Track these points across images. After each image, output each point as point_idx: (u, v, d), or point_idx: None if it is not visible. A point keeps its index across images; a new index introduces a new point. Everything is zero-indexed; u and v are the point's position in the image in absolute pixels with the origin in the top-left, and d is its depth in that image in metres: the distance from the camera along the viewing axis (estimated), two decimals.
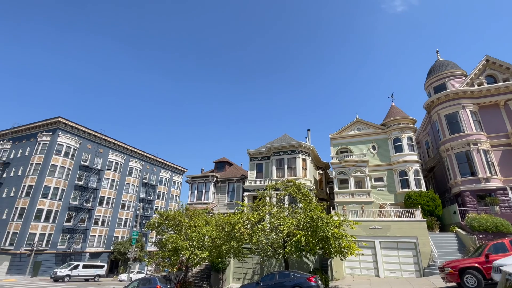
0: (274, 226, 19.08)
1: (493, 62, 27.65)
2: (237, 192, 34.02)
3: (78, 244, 44.37)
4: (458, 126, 26.31)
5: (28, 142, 46.60)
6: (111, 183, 51.58)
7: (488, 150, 24.94)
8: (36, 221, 39.52)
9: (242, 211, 21.33)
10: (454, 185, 25.65)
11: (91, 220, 47.28)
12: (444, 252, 19.70)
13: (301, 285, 14.98)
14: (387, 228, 21.76)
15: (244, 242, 18.76)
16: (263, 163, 32.99)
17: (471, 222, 20.64)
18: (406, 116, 30.31)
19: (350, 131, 32.62)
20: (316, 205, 18.73)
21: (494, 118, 26.19)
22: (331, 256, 18.13)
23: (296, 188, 20.80)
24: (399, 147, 29.23)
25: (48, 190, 41.54)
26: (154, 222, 22.82)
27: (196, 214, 22.93)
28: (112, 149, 53.56)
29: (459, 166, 25.40)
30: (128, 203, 54.41)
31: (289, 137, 33.41)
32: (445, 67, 29.62)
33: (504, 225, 19.52)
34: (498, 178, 23.90)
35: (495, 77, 27.50)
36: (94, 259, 45.68)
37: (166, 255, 20.39)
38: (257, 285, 16.55)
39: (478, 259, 12.05)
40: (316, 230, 16.22)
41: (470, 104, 26.68)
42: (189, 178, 36.93)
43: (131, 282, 19.68)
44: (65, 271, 33.98)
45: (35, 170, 42.09)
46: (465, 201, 23.71)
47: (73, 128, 46.56)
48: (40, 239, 39.31)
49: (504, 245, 12.01)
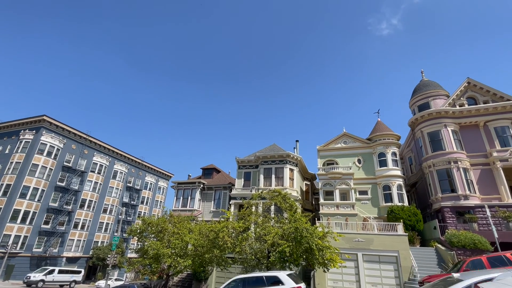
0: (259, 235, 18.82)
1: (474, 84, 28.85)
2: (224, 200, 33.59)
3: (55, 248, 42.44)
4: (440, 144, 27.09)
5: (9, 140, 44.77)
6: (94, 186, 49.98)
7: (468, 169, 25.73)
8: (11, 222, 37.69)
9: (227, 220, 20.99)
10: (435, 201, 26.21)
11: (70, 223, 45.45)
12: (424, 267, 19.92)
13: None
14: (370, 241, 21.87)
15: (227, 251, 18.39)
16: (251, 172, 32.83)
17: (450, 238, 21.03)
18: (391, 132, 31.02)
19: (337, 144, 33.05)
20: (301, 215, 18.64)
21: (474, 138, 27.15)
22: (314, 267, 17.98)
23: (282, 198, 20.68)
24: (383, 161, 29.77)
25: (27, 190, 39.83)
26: (136, 228, 22.13)
27: (180, 221, 22.40)
28: (97, 151, 52.14)
29: (440, 182, 26.03)
30: (110, 207, 52.76)
31: (278, 147, 33.50)
32: (429, 87, 30.68)
33: (482, 242, 19.96)
34: (476, 196, 24.60)
35: (476, 99, 28.65)
36: (71, 264, 43.71)
37: (146, 262, 19.72)
38: None
39: None
40: (300, 241, 16.10)
41: (452, 124, 27.61)
42: (175, 183, 36.25)
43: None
44: (39, 276, 32.27)
45: (14, 169, 40.37)
46: (445, 217, 24.21)
47: (58, 127, 45.18)
48: (15, 241, 37.40)
49: (481, 262, 12.24)
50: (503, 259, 12.02)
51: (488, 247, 19.70)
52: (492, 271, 7.44)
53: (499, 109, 26.79)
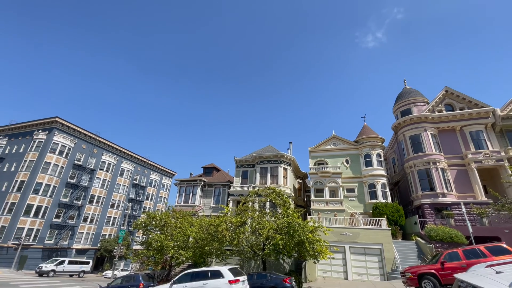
0: (255, 229, 18.80)
1: (451, 92, 29.14)
2: (223, 196, 33.46)
3: (65, 240, 41.93)
4: (420, 147, 27.30)
5: (24, 139, 44.24)
6: (103, 183, 49.51)
7: (445, 169, 25.95)
8: (25, 216, 37.18)
9: (225, 215, 20.93)
10: (415, 198, 26.38)
11: (80, 217, 44.95)
12: (406, 259, 20.02)
13: (277, 286, 14.73)
14: (356, 235, 21.94)
15: (226, 244, 18.34)
16: (248, 170, 32.76)
17: (429, 232, 21.17)
18: (376, 135, 31.18)
19: (327, 145, 33.14)
20: (293, 211, 18.66)
21: (451, 141, 27.41)
22: (306, 259, 18.01)
23: (276, 195, 20.71)
24: (369, 162, 29.91)
25: (40, 187, 39.34)
26: (141, 222, 21.96)
27: (182, 216, 22.27)
28: (106, 150, 51.70)
29: (420, 181, 26.22)
30: (117, 202, 52.30)
31: (273, 147, 33.50)
32: (411, 94, 30.91)
33: (458, 236, 20.13)
34: (453, 194, 24.81)
35: (453, 106, 28.94)
36: (80, 255, 43.19)
37: (151, 254, 19.57)
38: None
39: (435, 266, 12.28)
40: (292, 235, 16.13)
41: (431, 128, 27.85)
42: (178, 181, 36.06)
43: (115, 279, 18.63)
44: (50, 266, 31.83)
45: (28, 167, 39.87)
46: (424, 213, 24.38)
47: (70, 128, 44.74)
48: (28, 233, 36.92)
49: (457, 254, 12.31)
50: (477, 252, 12.10)
51: (464, 240, 19.87)
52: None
53: (474, 115, 27.09)
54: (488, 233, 20.80)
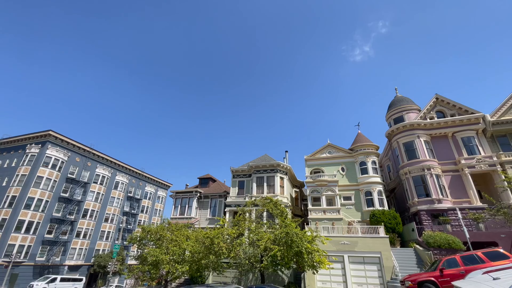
0: (252, 241, 18.55)
1: (442, 99, 29.75)
2: (219, 208, 33.10)
3: (57, 256, 40.68)
4: (414, 153, 27.59)
5: (16, 154, 43.47)
6: (97, 196, 48.62)
7: (440, 175, 26.18)
8: (16, 232, 36.13)
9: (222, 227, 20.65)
10: (412, 205, 26.44)
11: (73, 232, 43.81)
12: (405, 266, 19.87)
13: None
14: (354, 243, 21.76)
15: (223, 257, 18.02)
16: (244, 180, 32.61)
17: (427, 239, 21.11)
18: (371, 143, 31.48)
19: (323, 153, 33.29)
20: (291, 221, 18.51)
21: (444, 147, 27.78)
22: (305, 270, 17.71)
23: (273, 204, 20.56)
24: (364, 169, 30.06)
25: (32, 201, 38.44)
26: (136, 236, 21.51)
27: (177, 229, 21.90)
28: (100, 163, 51.04)
29: (416, 188, 26.35)
30: (112, 216, 51.23)
31: (269, 157, 33.52)
32: (403, 102, 31.48)
33: (455, 242, 20.09)
34: (449, 200, 24.95)
35: (444, 113, 29.49)
36: (73, 272, 41.87)
37: (146, 269, 19.09)
38: None
39: (434, 273, 12.24)
40: (291, 245, 15.95)
41: (424, 135, 28.25)
42: (173, 193, 35.64)
43: None
44: (42, 284, 30.79)
45: (20, 181, 39.04)
46: (421, 220, 24.39)
47: (63, 141, 44.22)
48: (19, 250, 35.79)
49: (456, 261, 12.31)
50: (475, 258, 12.12)
51: (461, 246, 19.84)
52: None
53: (465, 122, 27.62)
54: (485, 238, 20.84)
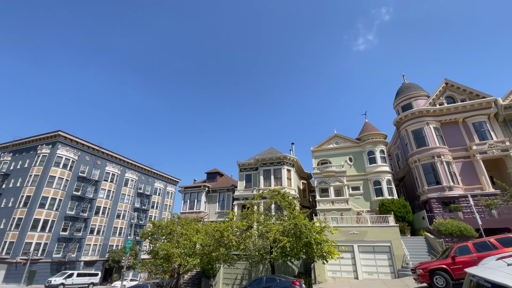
0: (261, 233, 18.68)
1: (452, 84, 28.95)
2: (228, 201, 33.39)
3: (73, 253, 42.01)
4: (423, 141, 27.08)
5: (28, 155, 44.65)
6: (108, 194, 49.69)
7: (450, 162, 25.69)
8: (32, 230, 37.37)
9: (231, 220, 20.84)
10: (422, 193, 26.11)
11: (87, 229, 45.07)
12: (415, 255, 19.75)
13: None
14: (364, 233, 21.72)
15: (233, 249, 18.23)
16: (251, 174, 32.70)
17: (438, 226, 20.90)
18: (378, 132, 31.01)
19: (329, 144, 33.01)
20: (299, 212, 18.53)
21: (455, 134, 27.15)
22: (314, 260, 17.84)
23: (281, 197, 20.57)
24: (372, 159, 29.72)
25: (46, 201, 39.57)
26: (148, 231, 21.94)
27: (187, 223, 22.21)
28: (109, 161, 51.96)
29: (425, 176, 25.96)
30: (123, 212, 52.40)
31: (275, 150, 33.44)
32: (411, 89, 30.76)
33: (467, 229, 19.84)
34: (460, 187, 24.52)
35: (454, 98, 28.72)
36: (88, 267, 43.23)
37: (158, 263, 19.51)
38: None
39: (446, 261, 12.10)
40: (300, 236, 15.99)
41: (433, 121, 27.63)
42: (182, 188, 36.06)
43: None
44: (59, 279, 31.91)
45: (33, 181, 40.16)
46: (432, 208, 24.09)
47: (73, 141, 45.07)
48: (36, 248, 37.07)
49: (468, 248, 12.13)
50: (488, 244, 11.92)
51: (473, 233, 19.58)
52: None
53: (476, 106, 26.85)
54: (498, 224, 20.51)
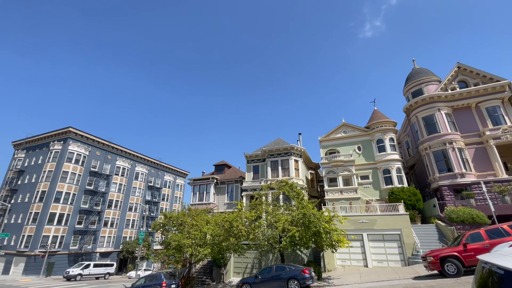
0: (270, 223, 18.86)
1: (464, 68, 27.98)
2: (236, 192, 33.73)
3: (89, 244, 43.57)
4: (434, 127, 26.48)
5: (41, 151, 45.96)
6: (119, 187, 50.92)
7: (463, 148, 25.11)
8: (49, 224, 38.80)
9: (240, 210, 21.08)
10: (433, 181, 25.72)
11: (101, 222, 46.53)
12: (426, 243, 19.65)
13: (296, 277, 14.80)
14: (373, 222, 21.67)
15: (242, 239, 18.50)
16: (259, 165, 32.81)
17: (449, 214, 20.65)
18: (388, 119, 30.44)
19: (337, 133, 32.66)
20: (308, 202, 18.57)
21: (467, 119, 26.42)
22: (323, 249, 17.93)
23: (289, 187, 20.62)
24: (382, 147, 29.31)
25: (60, 195, 40.89)
26: (159, 223, 22.46)
27: (197, 214, 22.60)
28: (120, 156, 52.99)
29: (436, 163, 25.50)
30: (135, 205, 53.73)
31: (282, 140, 33.33)
32: (421, 74, 29.89)
33: (480, 216, 19.54)
34: (472, 173, 24.03)
35: (467, 82, 27.80)
36: (104, 258, 44.85)
37: (170, 253, 20.03)
38: (256, 278, 16.32)
39: (457, 248, 12.01)
40: (308, 226, 16.08)
41: (445, 107, 26.90)
42: (191, 180, 36.57)
43: (139, 279, 19.27)
44: (77, 270, 33.27)
45: (47, 177, 41.44)
46: (443, 195, 23.76)
47: (83, 137, 46.03)
48: (53, 241, 38.58)
49: (480, 235, 11.98)
50: (500, 231, 11.74)
51: (486, 220, 19.28)
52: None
53: (489, 90, 25.94)
54: (511, 211, 20.10)
